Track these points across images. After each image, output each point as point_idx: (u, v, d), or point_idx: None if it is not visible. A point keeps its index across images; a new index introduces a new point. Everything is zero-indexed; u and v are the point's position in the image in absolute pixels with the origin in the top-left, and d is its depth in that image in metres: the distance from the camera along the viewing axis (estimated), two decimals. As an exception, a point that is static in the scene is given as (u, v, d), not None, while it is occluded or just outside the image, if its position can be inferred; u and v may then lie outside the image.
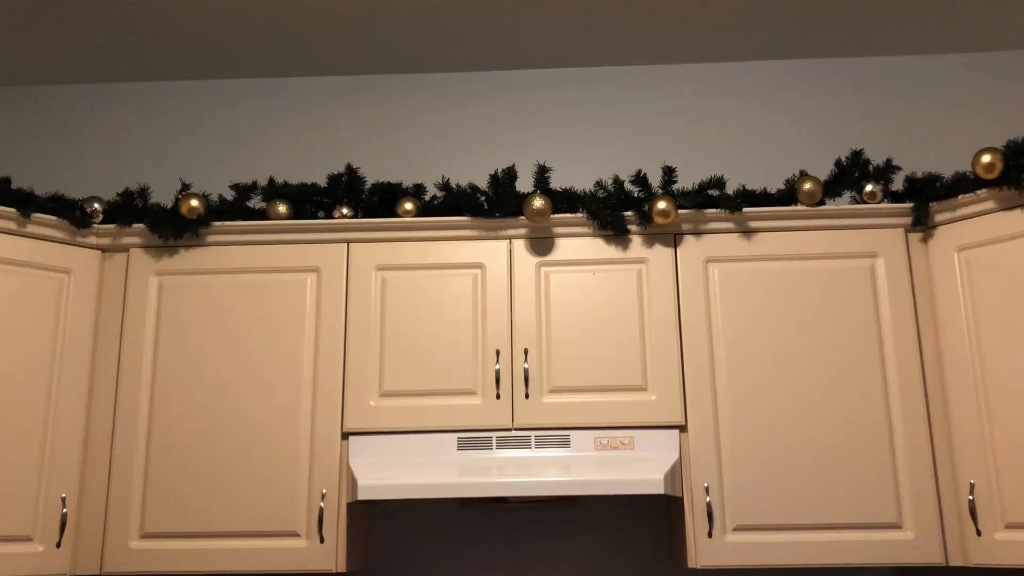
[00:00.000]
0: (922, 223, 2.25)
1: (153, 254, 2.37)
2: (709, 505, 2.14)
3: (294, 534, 2.17)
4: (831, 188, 2.33)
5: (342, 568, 2.16)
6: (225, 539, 2.18)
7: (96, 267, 2.34)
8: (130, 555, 2.18)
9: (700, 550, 2.13)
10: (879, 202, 2.30)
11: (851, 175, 2.32)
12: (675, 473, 2.16)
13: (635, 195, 2.33)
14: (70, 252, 2.31)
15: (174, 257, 2.37)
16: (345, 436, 2.24)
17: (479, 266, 2.33)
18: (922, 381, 2.20)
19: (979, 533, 2.06)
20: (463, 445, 2.23)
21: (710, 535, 2.13)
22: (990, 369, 2.11)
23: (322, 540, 2.16)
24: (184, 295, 2.33)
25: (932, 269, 2.25)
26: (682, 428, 2.22)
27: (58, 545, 2.15)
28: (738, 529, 2.14)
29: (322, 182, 2.42)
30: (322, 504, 2.17)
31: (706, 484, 2.16)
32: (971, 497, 2.08)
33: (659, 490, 2.07)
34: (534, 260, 2.33)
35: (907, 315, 2.24)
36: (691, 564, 2.13)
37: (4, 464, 2.12)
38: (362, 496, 2.11)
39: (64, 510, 2.17)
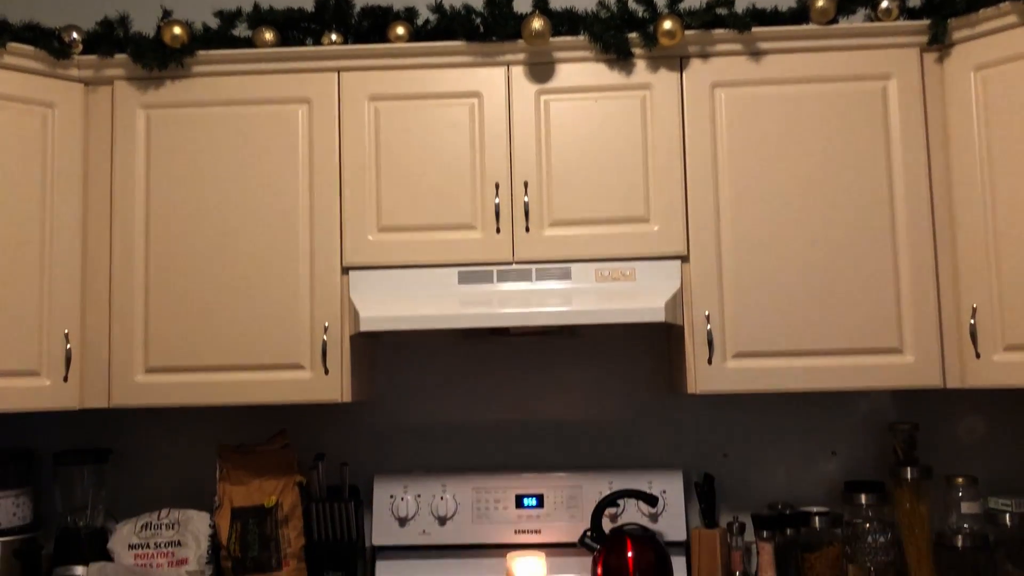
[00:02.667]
0: (939, 40, 2.15)
1: (138, 86, 2.28)
2: (709, 333, 2.15)
3: (298, 366, 2.20)
4: (845, 5, 2.21)
5: (347, 398, 2.19)
6: (230, 372, 2.20)
7: (80, 100, 2.27)
8: (136, 389, 2.21)
9: (700, 376, 2.16)
10: (895, 19, 2.19)
11: (866, -9, 2.20)
12: (676, 302, 2.16)
13: (639, 15, 2.22)
14: (51, 85, 2.22)
15: (160, 90, 2.28)
16: (345, 271, 2.22)
17: (476, 95, 2.25)
18: (930, 206, 2.16)
19: (978, 356, 2.08)
20: (464, 279, 2.22)
21: (710, 362, 2.15)
22: (1001, 192, 2.07)
23: (327, 372, 2.18)
24: (174, 129, 2.27)
25: (946, 90, 2.16)
26: (684, 258, 2.20)
27: (65, 379, 2.18)
28: (738, 356, 2.16)
29: (309, 7, 2.31)
30: (325, 337, 2.19)
31: (707, 312, 2.16)
32: (972, 321, 2.08)
33: (660, 318, 2.07)
34: (533, 88, 2.24)
35: (918, 139, 2.17)
36: (690, 390, 2.16)
37: (4, 302, 2.12)
38: (364, 328, 2.12)
39: (68, 346, 2.18)
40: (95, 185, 2.27)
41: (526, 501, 2.42)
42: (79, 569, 2.26)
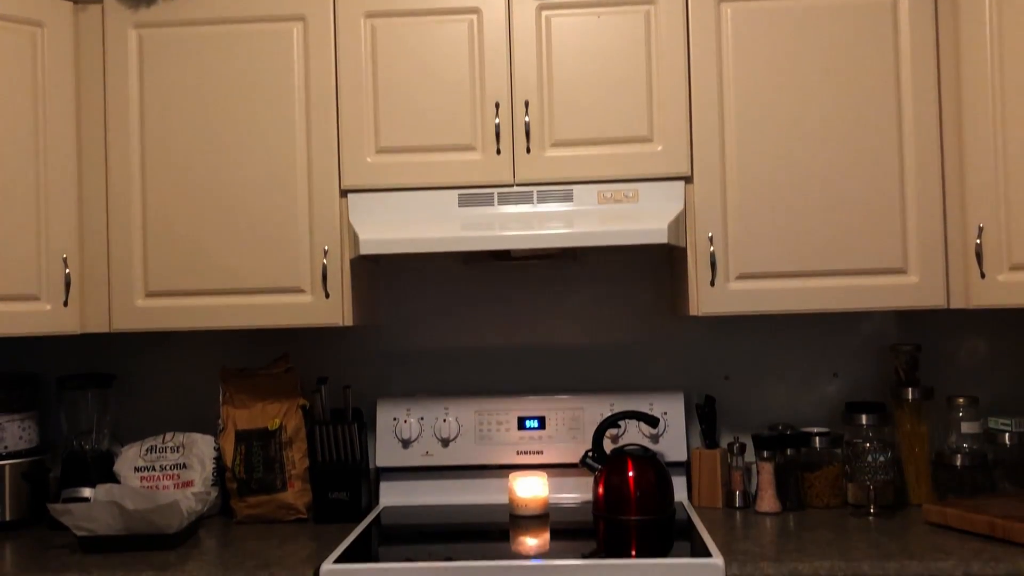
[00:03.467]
0: (954, -49, 2.08)
1: (129, 4, 2.22)
2: (712, 255, 2.13)
3: (299, 290, 2.19)
4: (858, -86, 2.14)
5: (348, 322, 2.19)
6: (230, 296, 2.19)
7: (69, 19, 2.21)
8: (137, 313, 2.20)
9: (702, 298, 2.15)
10: (909, -71, 2.11)
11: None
12: (679, 223, 2.13)
13: (643, -74, 2.15)
14: (39, 1, 2.17)
15: (152, 8, 2.22)
16: (344, 194, 2.20)
17: (475, 11, 2.19)
18: (939, 125, 2.12)
19: (983, 276, 2.06)
20: (464, 202, 2.19)
21: (712, 284, 2.13)
22: (1012, 111, 2.02)
23: (327, 295, 2.17)
24: (166, 49, 2.21)
25: (959, 6, 2.09)
26: (687, 179, 2.17)
27: (65, 304, 2.17)
28: (741, 277, 2.14)
29: (302, -81, 2.24)
30: (325, 261, 2.17)
31: (710, 234, 2.14)
32: (978, 241, 2.06)
33: (662, 239, 2.05)
34: (534, 3, 2.18)
35: (928, 57, 2.12)
36: (692, 312, 2.16)
37: (1, 226, 2.10)
38: (364, 251, 2.10)
39: (66, 270, 2.17)
40: (88, 107, 2.23)
41: (528, 423, 2.43)
42: (86, 491, 2.29)
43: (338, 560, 1.89)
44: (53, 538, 2.17)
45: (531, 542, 2.02)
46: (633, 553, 1.92)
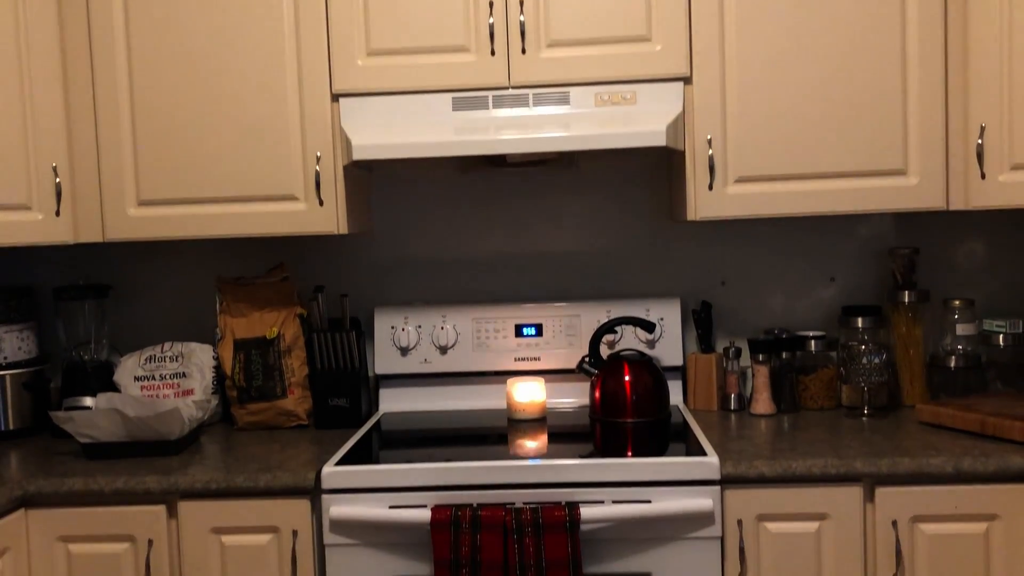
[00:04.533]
0: None
1: (106, -98, 2.14)
2: (711, 158, 2.10)
3: (292, 198, 2.16)
4: None
5: (343, 230, 2.17)
6: (223, 204, 2.17)
7: (45, -82, 2.13)
8: (130, 222, 2.18)
9: (700, 202, 2.13)
10: None
11: None
12: (678, 126, 2.10)
13: None
14: (13, -100, 2.09)
15: (131, -94, 2.14)
16: (335, 98, 2.15)
17: (467, -95, 2.11)
18: (943, 21, 2.06)
19: (983, 176, 2.04)
20: (458, 106, 2.15)
21: (711, 187, 2.11)
22: (1020, 6, 1.97)
23: (321, 203, 2.15)
24: (147, -51, 2.14)
25: None
26: (686, 80, 2.12)
27: (57, 214, 2.15)
28: (739, 181, 2.12)
29: None
30: (318, 167, 2.14)
31: (709, 136, 2.11)
32: (980, 141, 2.03)
33: (661, 142, 2.02)
34: None
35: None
36: (690, 217, 2.14)
37: (-14, 134, 2.07)
38: (357, 156, 2.07)
39: (57, 180, 2.14)
40: (71, 11, 2.16)
41: (525, 330, 2.44)
42: (87, 400, 2.31)
43: (339, 463, 1.92)
44: (57, 446, 2.20)
45: (529, 444, 2.04)
46: (629, 453, 1.95)
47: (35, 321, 2.44)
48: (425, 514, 1.82)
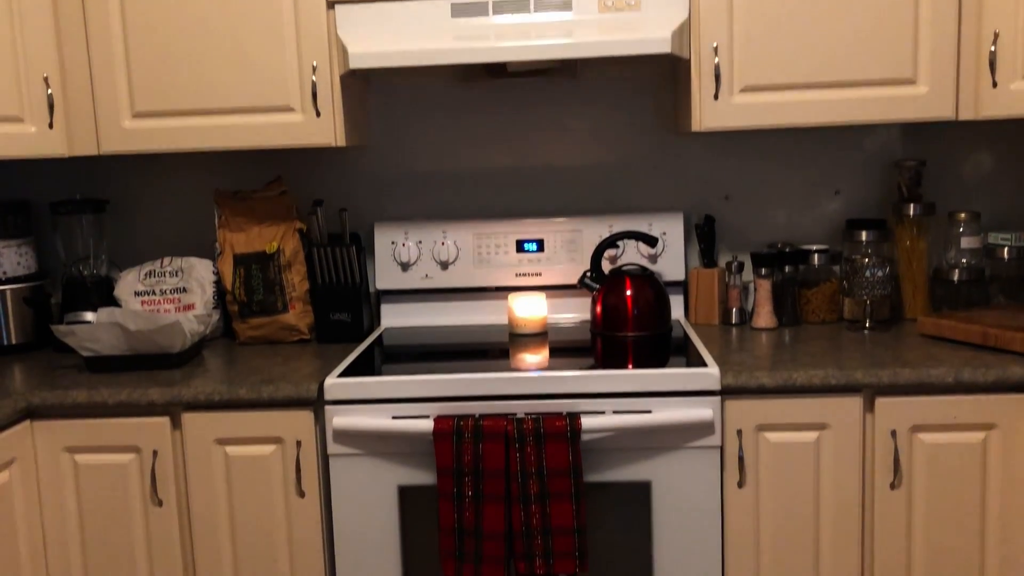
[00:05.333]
0: None
1: None
2: (717, 66, 2.05)
3: (288, 109, 2.12)
4: None
5: (341, 142, 2.13)
6: (219, 116, 2.13)
7: None
8: (124, 135, 2.15)
9: (705, 113, 2.08)
10: None
11: None
12: (683, 33, 2.05)
13: None
14: None
15: None
16: (331, 5, 2.09)
17: None
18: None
19: (995, 85, 1.99)
20: (457, 12, 2.09)
21: (716, 97, 2.07)
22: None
23: (318, 114, 2.11)
24: None
25: None
26: (692, -15, 2.06)
27: (50, 126, 2.11)
28: (745, 90, 2.07)
29: None
30: (314, 77, 2.09)
31: (715, 44, 2.05)
32: (993, 48, 1.98)
33: (666, 49, 1.97)
34: None
35: None
36: (695, 128, 2.10)
37: (-26, 43, 2.01)
38: (354, 64, 2.02)
39: (48, 91, 2.10)
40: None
41: (526, 245, 2.42)
42: (88, 315, 2.30)
43: (342, 375, 1.93)
44: (59, 359, 2.21)
45: (531, 358, 2.05)
46: (630, 366, 1.95)
47: (33, 236, 2.42)
48: (428, 424, 1.83)
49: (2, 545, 1.82)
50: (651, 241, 2.32)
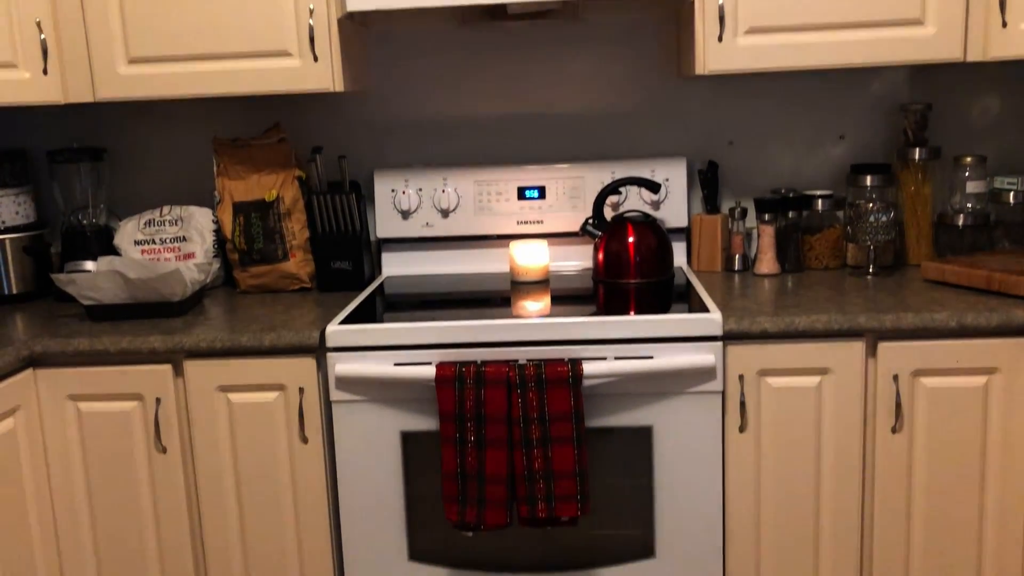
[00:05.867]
0: None
1: None
2: (721, 7, 2.01)
3: (286, 53, 2.09)
4: None
5: (339, 87, 2.10)
6: (216, 61, 2.09)
7: None
8: (120, 81, 2.12)
9: (709, 55, 2.05)
10: None
11: None
12: (686, -27, 2.01)
13: None
14: None
15: None
16: (327, -54, 2.05)
17: None
18: None
19: (1004, 25, 1.95)
20: (457, -47, 2.04)
21: (720, 39, 2.03)
22: None
23: (316, 59, 2.08)
24: None
25: None
26: (696, -76, 2.02)
27: (44, 72, 2.08)
28: (750, 32, 2.03)
29: None
30: (311, 20, 2.06)
31: (719, -16, 2.01)
32: (1003, -14, 1.94)
33: (669, -11, 1.93)
34: None
35: None
36: (699, 71, 2.07)
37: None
38: (351, 7, 1.98)
39: (41, 36, 2.07)
40: None
41: (528, 193, 2.40)
42: (88, 264, 2.30)
43: (343, 322, 1.93)
44: (61, 308, 2.21)
45: (532, 305, 2.04)
46: (632, 312, 1.94)
47: (31, 186, 2.41)
48: (430, 371, 1.83)
49: (9, 491, 1.83)
50: (654, 187, 2.30)
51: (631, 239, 2.22)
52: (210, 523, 1.96)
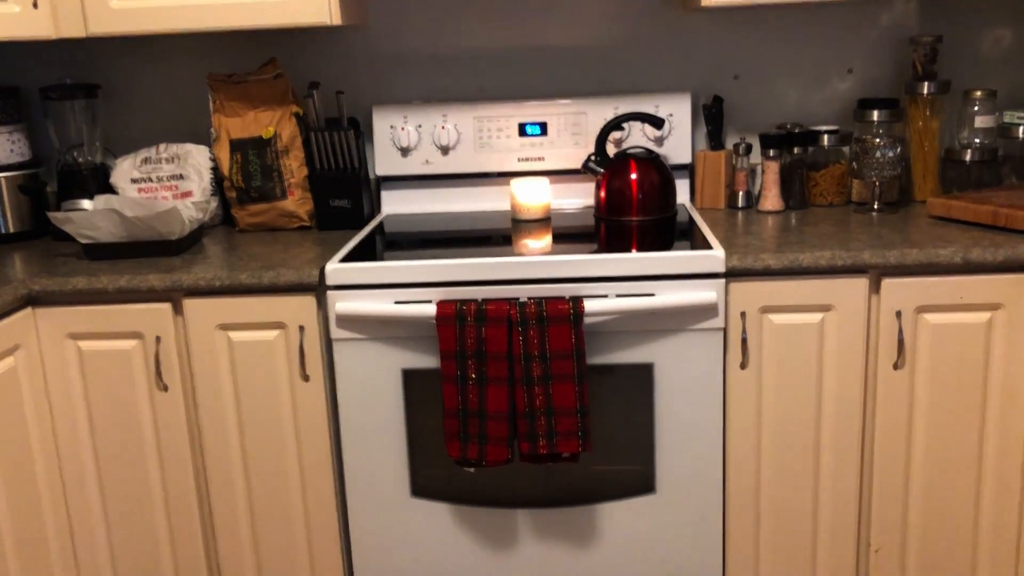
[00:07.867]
0: None
1: None
2: (727, -65, 1.96)
3: (281, -15, 2.04)
4: None
5: (336, 20, 2.06)
6: (209, -7, 2.05)
7: None
8: (113, 15, 2.06)
9: (714, -15, 2.00)
10: None
11: None
12: (692, -101, 1.94)
13: None
14: None
15: None
16: None
17: None
18: None
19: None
20: None
21: (726, -32, 1.98)
22: None
23: (311, -10, 2.03)
24: None
25: None
26: None
27: (35, 6, 2.03)
28: (757, -39, 1.98)
29: None
30: (306, -49, 2.00)
31: (726, -90, 1.95)
32: (1020, -88, 1.88)
33: (674, -84, 1.87)
34: None
35: None
36: (704, 2, 2.02)
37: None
38: (347, -64, 1.93)
39: (29, -33, 2.02)
40: None
41: (529, 129, 2.37)
42: (85, 203, 2.28)
43: (343, 260, 1.91)
44: (58, 247, 2.19)
45: (534, 244, 2.02)
46: (634, 249, 1.93)
47: (25, 124, 2.37)
48: (430, 308, 1.82)
49: (12, 429, 1.84)
50: (657, 123, 2.26)
51: (634, 176, 2.19)
52: (213, 461, 1.97)
